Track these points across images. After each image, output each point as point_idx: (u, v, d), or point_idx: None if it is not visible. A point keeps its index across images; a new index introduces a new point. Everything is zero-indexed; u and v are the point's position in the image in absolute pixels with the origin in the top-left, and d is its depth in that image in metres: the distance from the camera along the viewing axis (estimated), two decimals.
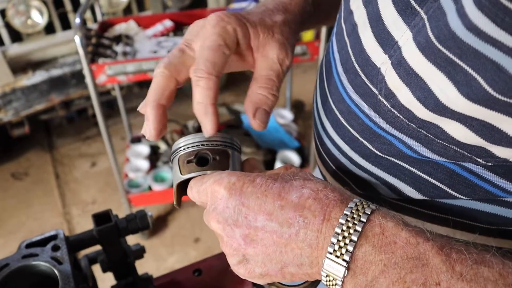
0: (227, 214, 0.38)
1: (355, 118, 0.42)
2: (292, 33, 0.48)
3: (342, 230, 0.33)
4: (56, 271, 0.50)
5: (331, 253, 0.33)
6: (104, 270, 0.63)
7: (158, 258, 2.05)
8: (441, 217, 0.41)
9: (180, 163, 0.45)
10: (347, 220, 0.33)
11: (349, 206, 0.35)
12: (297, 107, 2.94)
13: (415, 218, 0.42)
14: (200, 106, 0.41)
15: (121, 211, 2.14)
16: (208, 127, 0.42)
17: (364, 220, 0.33)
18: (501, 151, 0.32)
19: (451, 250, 0.31)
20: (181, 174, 0.44)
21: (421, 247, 0.31)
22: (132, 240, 0.61)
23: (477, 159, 0.34)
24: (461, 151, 0.35)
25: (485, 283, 0.30)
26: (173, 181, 0.47)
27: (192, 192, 0.43)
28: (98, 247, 0.62)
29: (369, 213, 0.34)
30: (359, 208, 0.34)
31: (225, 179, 0.39)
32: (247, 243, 0.37)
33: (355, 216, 0.34)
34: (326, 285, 0.35)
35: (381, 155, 0.41)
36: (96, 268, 0.64)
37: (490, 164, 0.34)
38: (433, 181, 0.39)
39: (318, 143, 0.53)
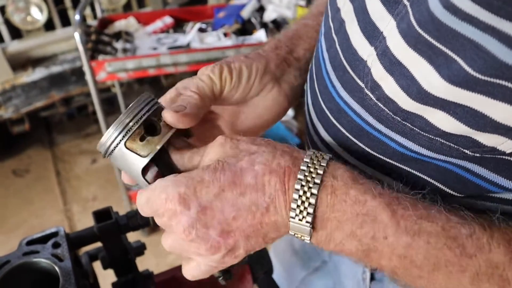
0: (193, 224, 0.36)
1: (345, 116, 0.42)
2: (247, 62, 0.48)
3: (300, 196, 0.36)
4: (57, 268, 0.50)
5: (293, 218, 0.36)
6: (105, 267, 0.63)
7: (158, 255, 2.06)
8: None
9: (133, 145, 0.38)
10: (302, 185, 0.36)
11: (301, 168, 0.36)
12: (298, 104, 2.93)
13: None
14: None
15: (122, 208, 2.14)
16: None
17: (318, 182, 0.36)
18: (487, 139, 0.32)
19: (397, 207, 0.34)
20: (142, 156, 0.38)
21: (369, 204, 0.35)
22: (132, 237, 0.61)
23: (464, 150, 0.34)
24: (447, 143, 0.34)
25: (428, 236, 0.33)
26: (132, 172, 0.39)
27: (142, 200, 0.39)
28: (98, 244, 0.62)
29: (321, 173, 0.36)
30: (311, 170, 0.36)
31: (172, 193, 0.36)
32: (225, 237, 0.37)
33: (309, 179, 0.36)
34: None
35: (372, 153, 0.41)
36: (97, 265, 0.64)
37: (478, 155, 0.34)
38: (426, 177, 0.39)
39: (310, 147, 0.52)
